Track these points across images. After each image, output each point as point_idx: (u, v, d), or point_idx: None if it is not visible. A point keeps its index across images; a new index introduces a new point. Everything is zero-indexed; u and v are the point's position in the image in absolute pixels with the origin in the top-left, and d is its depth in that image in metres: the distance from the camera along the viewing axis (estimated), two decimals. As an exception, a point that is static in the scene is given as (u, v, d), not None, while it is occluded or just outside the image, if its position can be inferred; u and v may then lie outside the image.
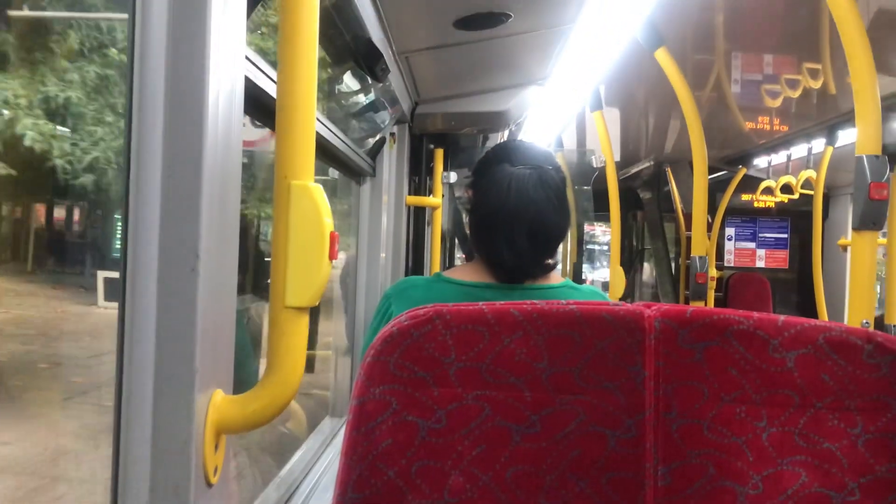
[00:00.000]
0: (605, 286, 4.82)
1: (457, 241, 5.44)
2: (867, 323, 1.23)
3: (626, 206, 6.72)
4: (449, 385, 1.18)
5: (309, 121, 0.79)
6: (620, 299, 3.87)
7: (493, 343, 1.18)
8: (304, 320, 0.80)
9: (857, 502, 1.12)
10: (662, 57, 2.09)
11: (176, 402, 0.75)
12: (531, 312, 1.20)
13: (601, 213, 5.64)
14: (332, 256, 0.79)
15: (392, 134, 2.65)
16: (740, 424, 1.17)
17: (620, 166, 5.84)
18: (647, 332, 1.17)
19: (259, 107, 1.17)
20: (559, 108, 3.36)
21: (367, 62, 1.66)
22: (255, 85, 1.08)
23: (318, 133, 1.63)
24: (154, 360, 0.75)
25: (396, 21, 1.85)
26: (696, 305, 2.09)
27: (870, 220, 1.25)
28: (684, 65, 3.07)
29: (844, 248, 4.54)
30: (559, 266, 6.57)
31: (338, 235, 0.79)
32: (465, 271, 1.56)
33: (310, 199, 0.77)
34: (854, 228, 1.27)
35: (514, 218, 1.47)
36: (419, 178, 3.07)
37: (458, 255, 5.87)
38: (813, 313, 4.63)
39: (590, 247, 13.40)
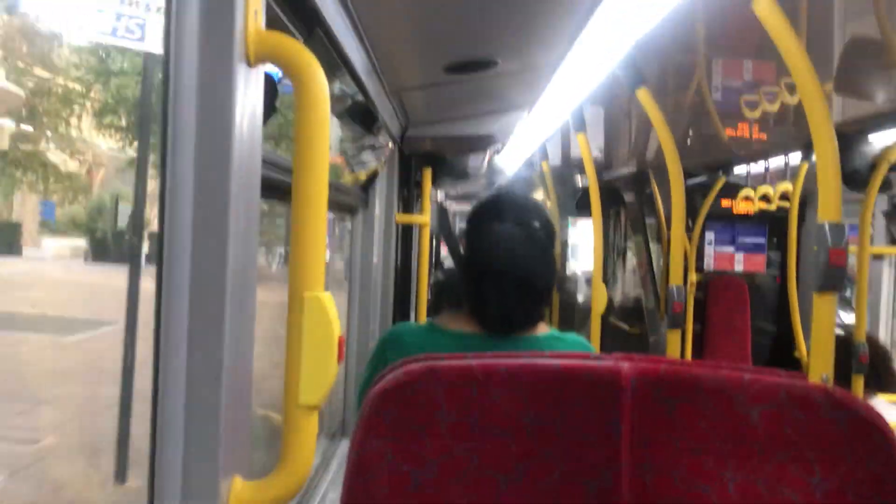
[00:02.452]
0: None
1: (442, 239, 5.50)
2: (826, 378, 1.33)
3: (611, 203, 6.82)
4: (440, 437, 1.28)
5: (321, 235, 0.88)
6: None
7: (482, 397, 1.28)
8: (315, 417, 0.89)
9: (812, 548, 1.24)
10: (643, 96, 2.17)
11: (201, 493, 0.84)
12: (517, 367, 1.30)
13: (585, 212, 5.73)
14: (339, 359, 0.88)
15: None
16: (709, 475, 1.28)
17: (604, 166, 5.93)
18: (624, 390, 1.27)
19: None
20: (543, 128, 3.45)
21: (364, 124, 1.74)
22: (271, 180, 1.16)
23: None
24: (182, 456, 0.84)
25: (389, 65, 1.93)
26: (672, 334, 2.19)
27: (830, 284, 1.35)
28: (666, 66, 3.14)
29: None
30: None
31: (344, 339, 0.88)
32: (456, 320, 1.64)
33: (321, 309, 0.86)
34: (815, 291, 1.37)
35: (504, 275, 1.55)
36: (408, 193, 3.15)
37: (444, 252, 5.96)
38: (787, 315, 4.76)
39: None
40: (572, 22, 1.79)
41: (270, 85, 0.99)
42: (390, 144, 2.34)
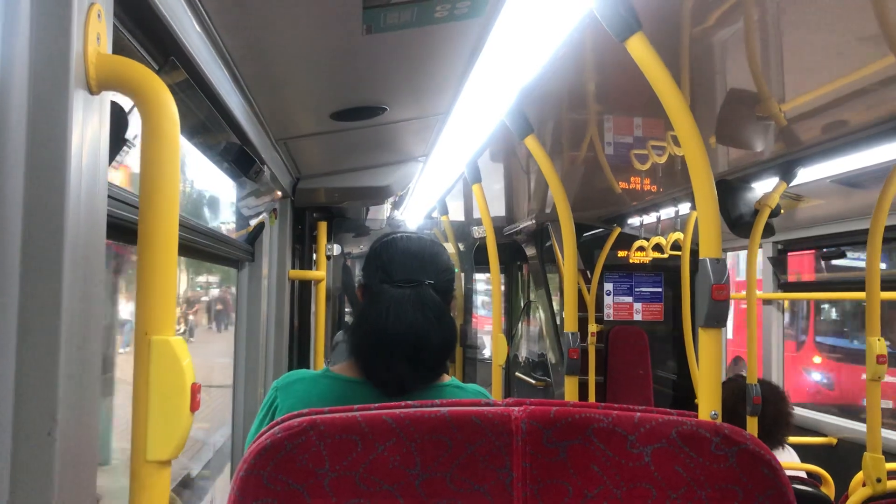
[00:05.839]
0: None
1: (346, 299, 5.41)
2: (715, 414, 1.32)
3: (514, 257, 6.90)
4: (323, 496, 1.19)
5: (170, 275, 0.81)
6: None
7: (367, 451, 1.21)
8: (166, 473, 0.81)
9: (709, 590, 1.21)
10: (532, 144, 2.20)
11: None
12: (404, 419, 1.23)
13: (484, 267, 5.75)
14: (193, 408, 0.80)
15: (274, 209, 2.65)
16: None
17: (506, 221, 6.00)
18: (515, 434, 1.23)
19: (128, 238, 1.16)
20: (441, 181, 3.45)
21: (240, 166, 1.67)
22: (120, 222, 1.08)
23: (188, 238, 1.62)
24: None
25: (271, 115, 1.88)
26: (569, 380, 2.16)
27: (714, 319, 1.36)
28: (560, 123, 3.20)
29: None
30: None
31: (200, 386, 0.81)
32: (352, 368, 1.56)
33: (171, 355, 0.78)
34: (700, 326, 1.37)
35: (393, 342, 1.47)
36: (303, 250, 3.07)
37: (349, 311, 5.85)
38: (685, 358, 4.87)
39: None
40: (457, 67, 1.80)
41: (120, 116, 0.93)
42: (278, 194, 2.27)
